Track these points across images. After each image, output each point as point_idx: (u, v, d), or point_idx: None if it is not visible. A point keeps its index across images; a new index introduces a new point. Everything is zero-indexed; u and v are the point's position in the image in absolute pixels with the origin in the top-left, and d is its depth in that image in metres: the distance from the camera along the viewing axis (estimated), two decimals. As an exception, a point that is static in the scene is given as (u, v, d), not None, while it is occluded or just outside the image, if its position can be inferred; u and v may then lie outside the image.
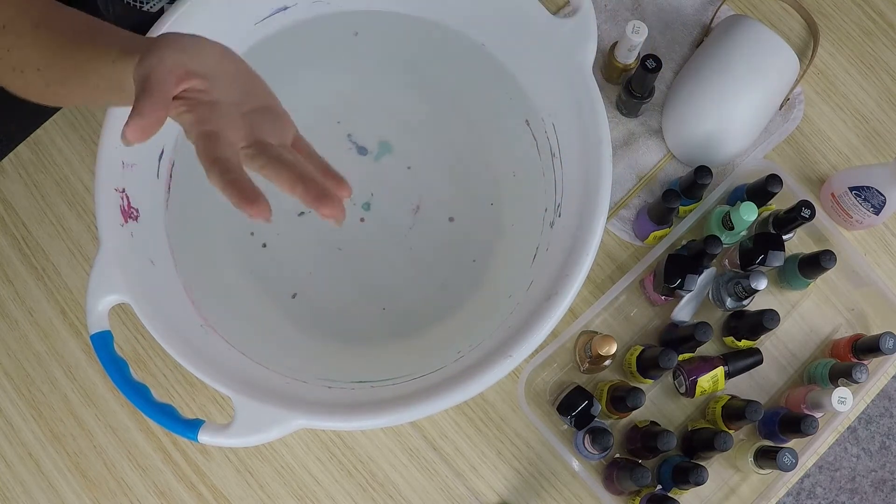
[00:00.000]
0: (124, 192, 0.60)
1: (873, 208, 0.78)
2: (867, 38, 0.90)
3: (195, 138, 0.41)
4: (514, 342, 0.57)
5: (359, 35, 0.75)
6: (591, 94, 0.63)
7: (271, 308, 0.74)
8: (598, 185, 0.61)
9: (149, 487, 0.76)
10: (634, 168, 0.84)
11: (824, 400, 0.70)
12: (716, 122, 0.80)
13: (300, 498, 0.76)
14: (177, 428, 0.54)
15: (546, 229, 0.68)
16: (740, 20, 0.82)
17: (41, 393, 0.77)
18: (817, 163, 0.86)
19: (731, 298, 0.76)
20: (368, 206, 0.78)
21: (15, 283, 0.79)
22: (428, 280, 0.76)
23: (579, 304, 0.80)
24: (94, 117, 0.83)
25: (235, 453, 0.77)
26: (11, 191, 0.81)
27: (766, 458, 0.70)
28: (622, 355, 0.78)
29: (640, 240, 0.82)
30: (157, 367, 0.78)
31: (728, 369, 0.74)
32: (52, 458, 0.76)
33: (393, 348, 0.73)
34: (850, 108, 0.88)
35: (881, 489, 1.57)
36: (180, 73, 0.41)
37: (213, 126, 0.41)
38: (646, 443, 0.71)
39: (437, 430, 0.77)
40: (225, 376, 0.57)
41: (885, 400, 1.61)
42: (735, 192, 0.80)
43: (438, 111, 0.79)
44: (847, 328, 0.81)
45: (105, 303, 0.57)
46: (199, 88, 0.42)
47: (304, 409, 0.55)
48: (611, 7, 0.89)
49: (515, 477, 0.77)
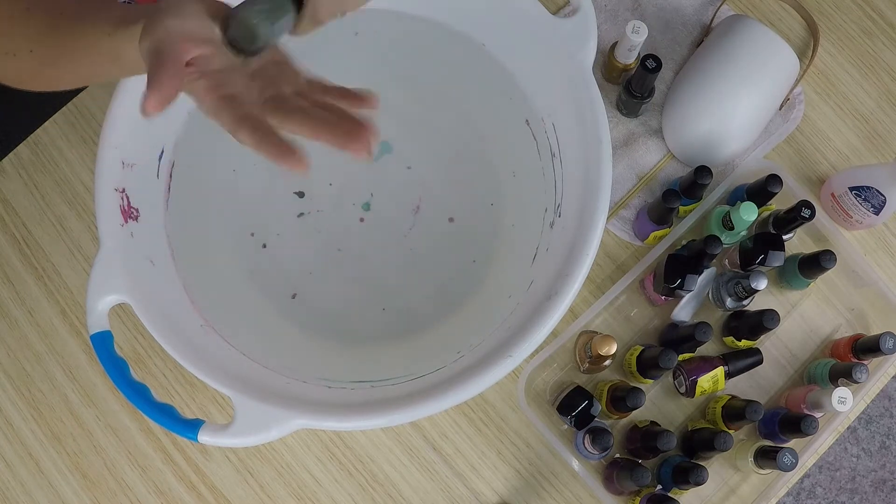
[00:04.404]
0: (124, 192, 0.60)
1: (873, 208, 0.78)
2: (867, 38, 0.90)
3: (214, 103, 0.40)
4: (514, 342, 0.57)
5: (359, 35, 0.75)
6: (591, 94, 0.63)
7: (271, 308, 0.74)
8: (598, 185, 0.61)
9: (149, 487, 0.76)
10: (634, 168, 0.84)
11: (824, 400, 0.70)
12: (716, 122, 0.80)
13: (300, 498, 0.76)
14: (177, 428, 0.54)
15: (546, 229, 0.68)
16: (740, 20, 0.82)
17: (41, 393, 0.77)
18: (817, 163, 0.86)
19: (731, 298, 0.76)
20: (368, 206, 0.78)
21: (15, 283, 0.79)
22: (428, 280, 0.76)
23: (579, 304, 0.80)
24: (94, 117, 0.83)
25: (235, 453, 0.77)
26: (11, 191, 0.81)
27: (766, 458, 0.70)
28: (622, 355, 0.78)
29: (640, 240, 0.82)
30: (157, 367, 0.78)
31: (728, 369, 0.74)
32: (52, 458, 0.76)
33: (393, 348, 0.73)
34: (850, 108, 0.88)
35: (881, 489, 1.57)
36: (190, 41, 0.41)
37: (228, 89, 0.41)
38: (646, 443, 0.71)
39: (437, 430, 0.77)
40: (225, 376, 0.57)
41: (885, 400, 1.61)
42: (735, 192, 0.80)
43: (438, 111, 0.79)
44: (847, 328, 0.81)
45: (105, 303, 0.57)
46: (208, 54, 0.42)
47: (304, 409, 0.55)
48: (611, 7, 0.89)
49: (515, 477, 0.77)
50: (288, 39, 0.44)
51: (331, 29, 0.73)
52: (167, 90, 0.38)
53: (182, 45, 0.40)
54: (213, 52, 0.42)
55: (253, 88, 0.43)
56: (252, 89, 0.42)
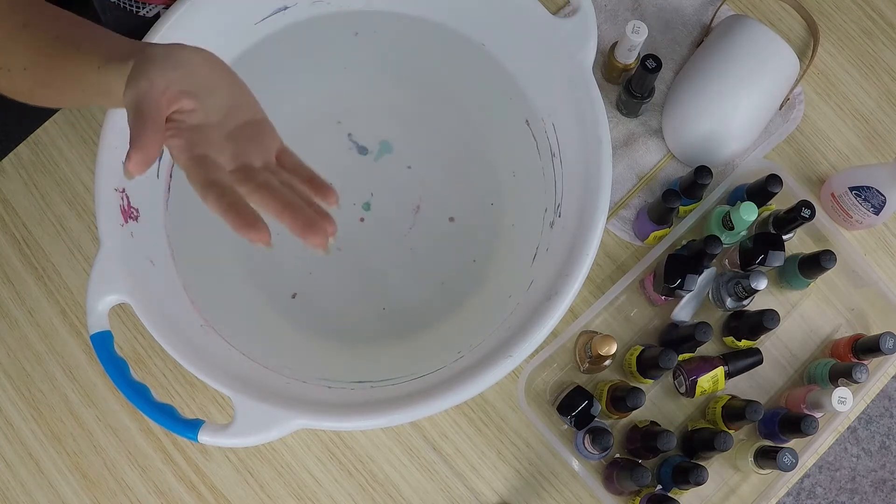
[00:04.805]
0: (124, 192, 0.60)
1: (873, 208, 0.78)
2: (867, 38, 0.90)
3: (185, 163, 0.41)
4: (514, 342, 0.57)
5: (359, 35, 0.75)
6: (591, 94, 0.63)
7: (271, 308, 0.74)
8: (598, 185, 0.61)
9: (149, 487, 0.76)
10: (634, 168, 0.84)
11: (824, 400, 0.70)
12: (716, 122, 0.80)
13: (300, 498, 0.76)
14: (177, 428, 0.54)
15: (546, 229, 0.68)
16: (740, 20, 0.82)
17: (41, 393, 0.77)
18: (817, 163, 0.86)
19: (731, 298, 0.76)
20: (368, 206, 0.78)
21: (15, 283, 0.79)
22: (428, 280, 0.76)
23: (579, 304, 0.80)
24: (94, 117, 0.83)
25: (235, 453, 0.77)
26: (11, 191, 0.81)
27: (766, 458, 0.70)
28: (622, 355, 0.78)
29: (640, 240, 0.82)
30: (157, 367, 0.78)
31: (728, 369, 0.74)
32: (52, 458, 0.76)
33: (393, 348, 0.73)
34: (850, 108, 0.88)
35: (881, 489, 1.57)
36: (171, 95, 0.41)
37: (201, 150, 0.41)
38: (646, 443, 0.71)
39: (437, 430, 0.77)
40: (225, 376, 0.57)
41: (885, 400, 1.61)
42: (735, 192, 0.80)
43: (438, 111, 0.79)
44: (847, 328, 0.81)
45: (105, 303, 0.57)
46: (188, 109, 0.42)
47: (304, 409, 0.55)
48: (611, 7, 0.89)
49: (515, 477, 0.77)
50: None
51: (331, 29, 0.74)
52: (149, 152, 0.38)
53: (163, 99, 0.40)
54: (193, 107, 0.42)
55: (226, 150, 0.42)
56: (225, 151, 0.42)
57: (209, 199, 0.39)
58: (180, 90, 0.41)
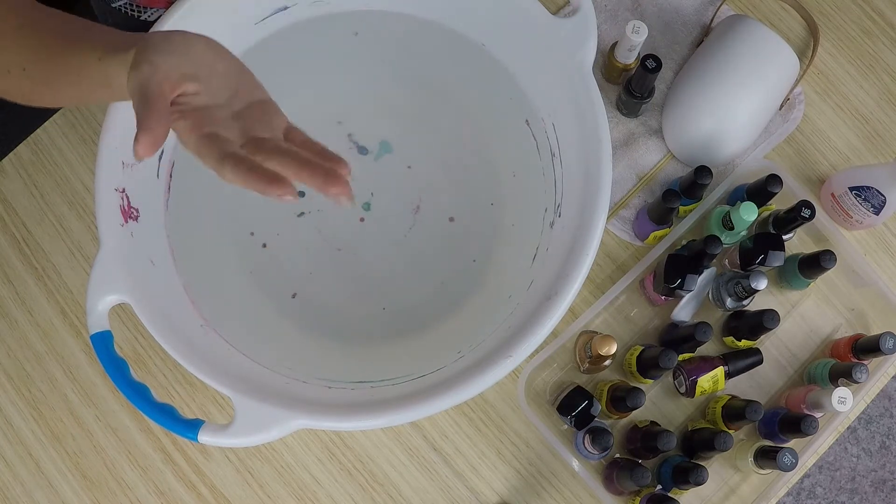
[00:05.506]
0: (124, 192, 0.60)
1: (873, 208, 0.78)
2: (867, 38, 0.90)
3: (195, 143, 0.41)
4: (514, 342, 0.57)
5: (359, 35, 0.75)
6: (591, 94, 0.63)
7: (271, 308, 0.74)
8: (598, 185, 0.61)
9: (149, 487, 0.76)
10: (634, 168, 0.84)
11: (824, 400, 0.70)
12: (716, 122, 0.80)
13: (300, 498, 0.76)
14: (177, 428, 0.54)
15: (546, 229, 0.68)
16: (740, 20, 0.82)
17: (41, 393, 0.77)
18: (817, 163, 0.86)
19: (731, 298, 0.76)
20: (368, 206, 0.78)
21: (15, 283, 0.79)
22: (428, 280, 0.76)
23: (579, 304, 0.80)
24: (94, 117, 0.83)
25: (235, 453, 0.77)
26: (11, 191, 0.81)
27: (766, 458, 0.70)
28: (622, 355, 0.78)
29: (640, 240, 0.82)
30: (157, 367, 0.78)
31: (728, 369, 0.74)
32: (52, 458, 0.76)
33: (393, 348, 0.73)
34: (850, 108, 0.88)
35: (881, 489, 1.57)
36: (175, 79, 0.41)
37: (210, 128, 0.41)
38: (646, 443, 0.71)
39: (437, 430, 0.77)
40: (225, 376, 0.57)
41: (885, 400, 1.61)
42: (735, 192, 0.80)
43: (438, 111, 0.79)
44: (847, 328, 0.81)
45: (105, 303, 0.57)
46: (192, 92, 0.42)
47: (304, 409, 0.55)
48: (611, 7, 0.89)
49: (515, 477, 0.77)
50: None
51: (331, 29, 0.74)
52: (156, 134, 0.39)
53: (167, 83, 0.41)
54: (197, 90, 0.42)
55: (234, 128, 0.42)
56: (233, 129, 0.42)
57: (226, 171, 0.39)
58: (183, 73, 0.42)
